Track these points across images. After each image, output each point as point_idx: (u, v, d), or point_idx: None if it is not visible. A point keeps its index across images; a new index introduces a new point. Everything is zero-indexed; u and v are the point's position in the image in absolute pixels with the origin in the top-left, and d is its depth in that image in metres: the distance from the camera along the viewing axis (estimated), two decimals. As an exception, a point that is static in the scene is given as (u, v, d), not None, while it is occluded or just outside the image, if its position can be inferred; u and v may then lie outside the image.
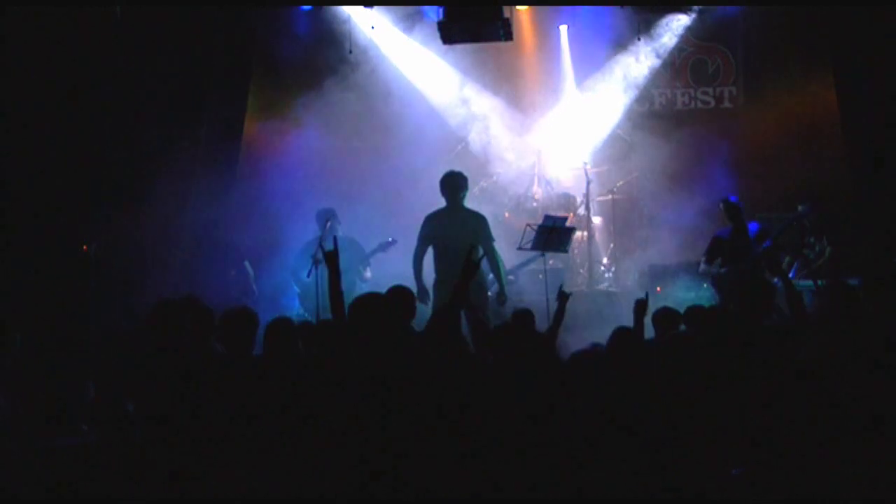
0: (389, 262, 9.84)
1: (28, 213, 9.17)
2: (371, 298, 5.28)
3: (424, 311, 7.99)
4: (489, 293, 8.61)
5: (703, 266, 9.18)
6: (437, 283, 8.41)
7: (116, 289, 9.20)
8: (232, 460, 5.14)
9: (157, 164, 10.11)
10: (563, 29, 11.89)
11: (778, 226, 9.14)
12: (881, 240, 9.41)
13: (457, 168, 8.76)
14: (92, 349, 8.36)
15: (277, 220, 10.59)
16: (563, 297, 6.88)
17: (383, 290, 5.86)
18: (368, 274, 9.73)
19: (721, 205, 9.05)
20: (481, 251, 6.50)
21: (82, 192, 9.61)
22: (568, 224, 9.83)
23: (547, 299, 8.51)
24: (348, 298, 5.45)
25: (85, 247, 8.95)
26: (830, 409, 5.42)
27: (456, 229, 8.34)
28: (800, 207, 9.61)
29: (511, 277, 9.84)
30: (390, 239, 9.70)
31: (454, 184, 8.44)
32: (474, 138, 11.66)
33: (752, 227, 9.03)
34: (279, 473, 4.92)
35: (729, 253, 8.97)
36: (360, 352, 4.78)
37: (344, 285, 9.00)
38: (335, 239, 5.59)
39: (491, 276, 8.67)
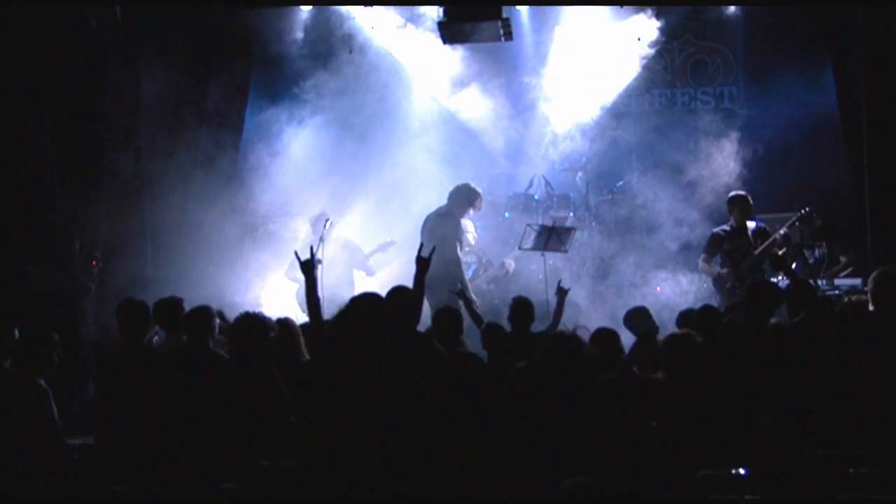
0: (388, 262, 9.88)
1: (27, 211, 9.17)
2: (367, 298, 5.24)
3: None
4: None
5: (701, 263, 9.20)
6: None
7: (116, 287, 9.20)
8: (228, 460, 5.14)
9: (158, 163, 10.12)
10: (558, 30, 11.87)
11: (779, 226, 9.12)
12: (883, 241, 9.40)
13: (455, 167, 8.84)
14: (91, 349, 8.37)
15: (275, 219, 10.62)
16: (561, 292, 7.03)
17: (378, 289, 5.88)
18: (368, 275, 9.77)
19: (732, 199, 9.03)
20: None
21: (82, 191, 9.61)
22: (568, 224, 9.83)
23: (547, 299, 8.52)
24: (343, 300, 5.47)
25: (95, 262, 8.95)
26: (831, 408, 5.43)
27: (427, 233, 8.77)
28: (801, 211, 9.60)
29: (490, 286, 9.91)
30: (389, 240, 9.71)
31: (452, 192, 9.12)
32: (473, 138, 11.66)
33: (752, 224, 9.04)
34: (278, 474, 4.91)
35: (728, 251, 8.97)
36: (352, 352, 4.74)
37: (339, 287, 9.12)
38: (311, 248, 5.71)
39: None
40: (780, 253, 8.85)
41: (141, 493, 4.65)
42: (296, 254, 5.90)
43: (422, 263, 5.86)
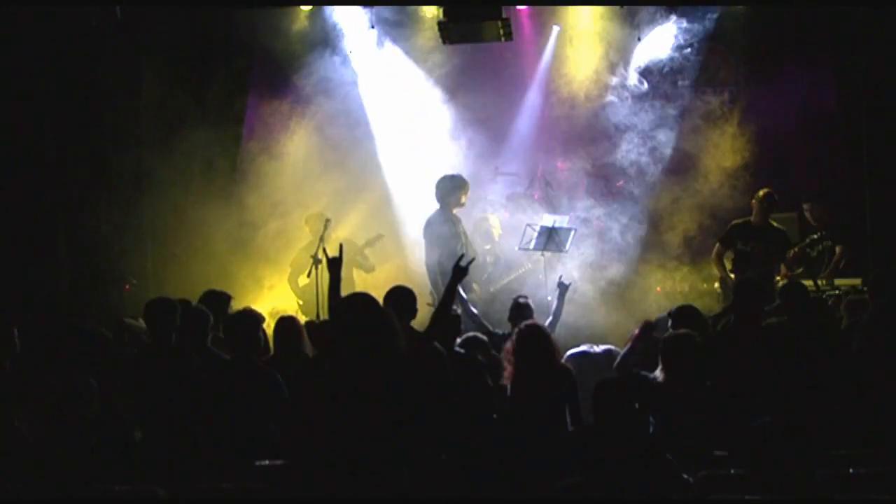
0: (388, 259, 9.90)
1: (27, 211, 9.18)
2: (359, 298, 5.19)
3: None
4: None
5: (714, 255, 9.19)
6: None
7: (116, 287, 9.22)
8: (227, 460, 5.14)
9: (158, 163, 10.14)
10: (556, 30, 11.87)
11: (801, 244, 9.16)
12: (882, 240, 9.42)
13: (454, 166, 8.81)
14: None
15: (275, 217, 10.64)
16: (562, 287, 7.03)
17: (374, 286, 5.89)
18: (366, 272, 9.81)
19: (766, 197, 9.00)
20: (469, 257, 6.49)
21: (82, 191, 9.63)
22: (568, 224, 9.83)
23: (547, 299, 8.52)
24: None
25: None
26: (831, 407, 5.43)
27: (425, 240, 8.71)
28: (804, 206, 9.61)
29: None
30: (377, 234, 9.68)
31: (435, 193, 8.92)
32: (473, 137, 11.66)
33: (774, 224, 9.04)
34: (278, 474, 4.92)
35: (741, 252, 8.94)
36: (350, 352, 4.74)
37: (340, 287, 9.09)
38: (340, 246, 5.60)
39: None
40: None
41: (141, 493, 4.65)
42: (324, 250, 5.84)
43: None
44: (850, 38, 9.98)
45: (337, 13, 11.09)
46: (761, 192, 9.09)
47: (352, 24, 11.13)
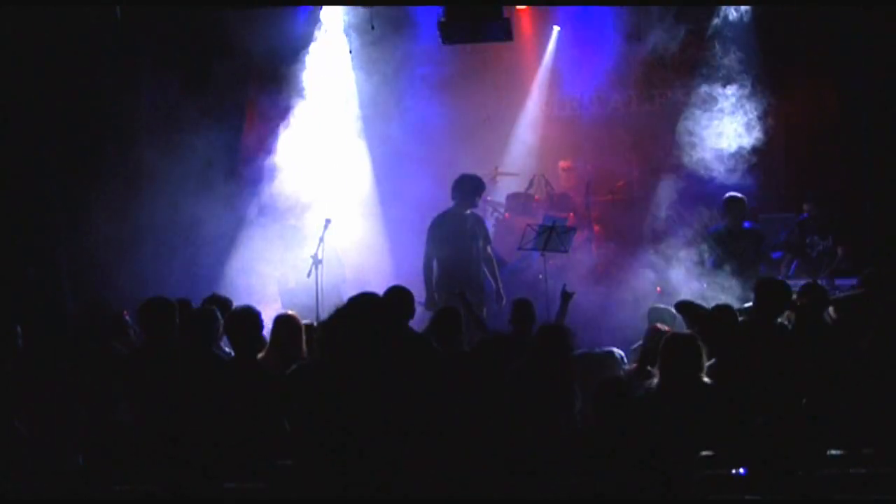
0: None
1: (28, 212, 9.18)
2: (366, 298, 5.20)
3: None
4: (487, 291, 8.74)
5: (701, 263, 9.21)
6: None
7: (116, 288, 9.22)
8: (228, 460, 5.14)
9: (158, 163, 10.14)
10: (556, 30, 11.87)
11: (782, 233, 9.13)
12: (884, 240, 9.42)
13: (454, 165, 8.81)
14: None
15: (275, 217, 10.64)
16: (565, 295, 7.05)
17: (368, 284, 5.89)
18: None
19: (728, 201, 9.02)
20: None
21: (82, 191, 9.63)
22: (568, 224, 9.84)
23: (546, 299, 8.52)
24: (336, 291, 5.46)
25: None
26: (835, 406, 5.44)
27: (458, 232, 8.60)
28: (805, 207, 9.60)
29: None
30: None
31: (455, 191, 8.80)
32: (472, 136, 11.67)
33: (745, 226, 9.05)
34: (278, 474, 4.92)
35: (730, 252, 8.95)
36: (356, 352, 4.74)
37: (335, 278, 9.09)
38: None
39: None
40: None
41: (141, 494, 4.66)
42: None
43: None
44: (852, 41, 9.98)
45: (336, 13, 11.09)
46: (728, 197, 9.10)
47: (346, 24, 11.14)
